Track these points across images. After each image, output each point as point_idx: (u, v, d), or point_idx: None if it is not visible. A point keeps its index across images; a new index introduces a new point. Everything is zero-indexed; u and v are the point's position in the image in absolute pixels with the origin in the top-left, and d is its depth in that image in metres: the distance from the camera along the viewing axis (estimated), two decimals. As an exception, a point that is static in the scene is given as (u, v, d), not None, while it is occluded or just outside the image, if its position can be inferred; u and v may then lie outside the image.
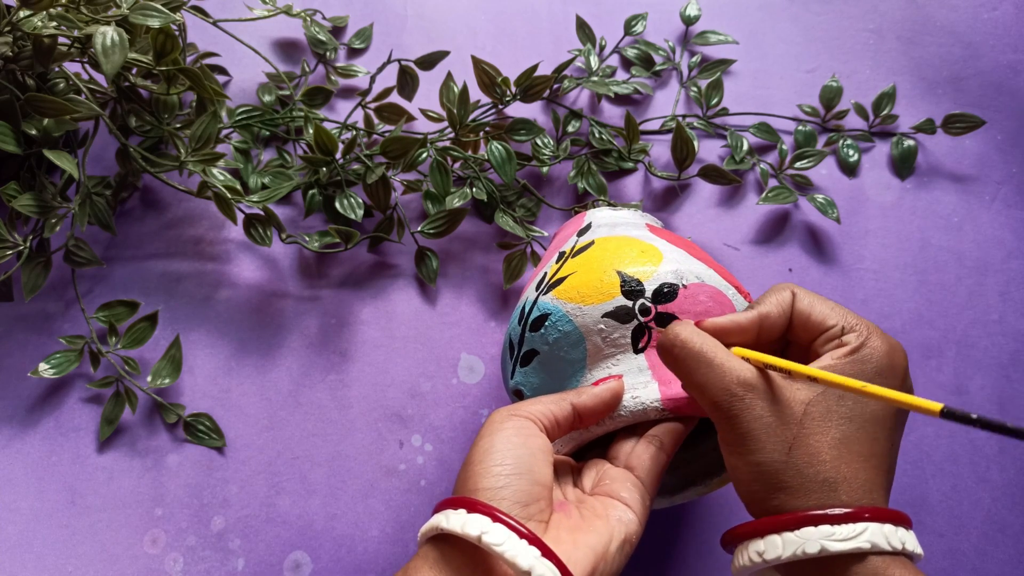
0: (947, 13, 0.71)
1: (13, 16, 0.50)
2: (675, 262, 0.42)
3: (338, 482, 0.54)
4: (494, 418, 0.38)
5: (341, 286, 0.60)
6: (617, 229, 0.47)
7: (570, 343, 0.42)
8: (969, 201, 0.63)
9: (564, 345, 0.42)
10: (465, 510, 0.34)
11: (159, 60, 0.52)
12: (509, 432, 0.37)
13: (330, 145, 0.56)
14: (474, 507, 0.33)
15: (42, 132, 0.53)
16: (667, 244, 0.45)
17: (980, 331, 0.59)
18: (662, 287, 0.41)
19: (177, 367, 0.56)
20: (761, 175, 0.64)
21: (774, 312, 0.37)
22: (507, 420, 0.37)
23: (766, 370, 0.34)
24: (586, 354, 0.42)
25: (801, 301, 0.37)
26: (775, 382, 0.34)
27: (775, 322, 0.37)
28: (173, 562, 0.51)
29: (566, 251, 0.47)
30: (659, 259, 0.42)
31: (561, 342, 0.42)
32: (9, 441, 0.54)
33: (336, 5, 0.71)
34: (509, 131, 0.60)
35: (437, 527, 0.34)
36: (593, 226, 0.49)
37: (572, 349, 0.42)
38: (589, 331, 0.41)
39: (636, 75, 0.68)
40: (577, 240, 0.47)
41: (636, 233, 0.46)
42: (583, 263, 0.43)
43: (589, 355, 0.41)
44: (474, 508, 0.33)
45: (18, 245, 0.53)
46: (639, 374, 0.40)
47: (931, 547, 0.52)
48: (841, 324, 0.35)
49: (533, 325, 0.43)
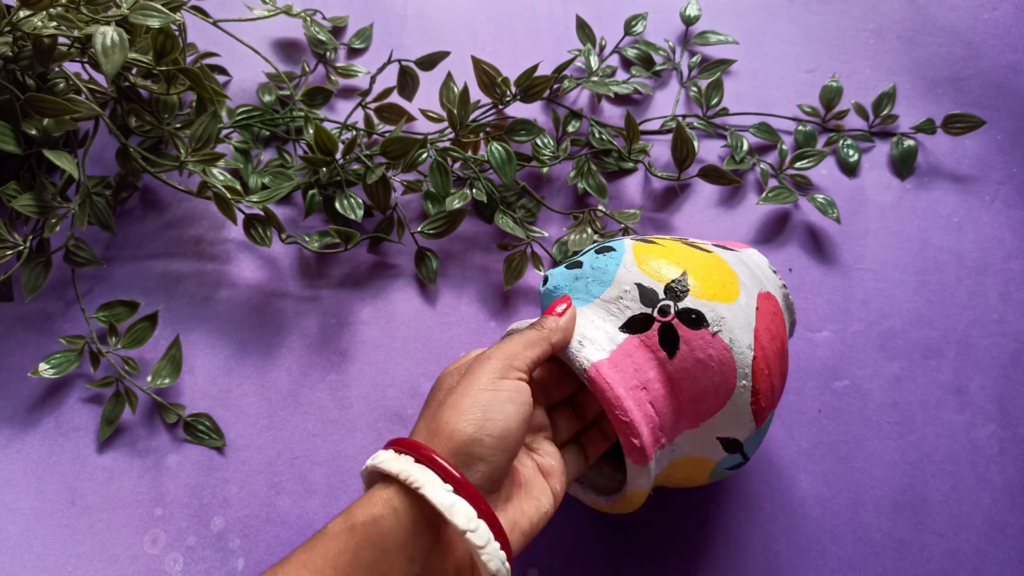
0: (947, 13, 0.71)
1: (13, 16, 0.50)
2: (741, 312, 0.42)
3: (338, 482, 0.54)
4: (492, 365, 0.37)
5: (341, 286, 0.60)
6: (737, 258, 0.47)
7: (601, 279, 0.43)
8: (969, 201, 0.63)
9: (598, 275, 0.44)
10: (440, 476, 0.34)
11: (159, 60, 0.52)
12: (504, 397, 0.36)
13: (330, 145, 0.56)
14: (448, 476, 0.34)
15: (42, 132, 0.53)
16: (752, 298, 0.44)
17: (980, 331, 0.59)
18: (701, 314, 0.41)
19: (177, 367, 0.56)
20: (761, 175, 0.64)
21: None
22: (505, 379, 0.37)
23: None
24: (599, 296, 0.43)
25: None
26: None
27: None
28: (173, 562, 0.51)
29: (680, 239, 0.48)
30: (733, 295, 0.42)
31: (599, 272, 0.44)
32: (9, 441, 0.54)
33: (336, 5, 0.71)
34: (509, 131, 0.60)
35: (407, 478, 0.34)
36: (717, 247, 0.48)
37: (596, 285, 0.43)
38: (619, 284, 0.42)
39: (636, 75, 0.68)
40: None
41: (742, 271, 0.45)
42: (671, 246, 0.45)
43: (600, 298, 0.43)
44: (448, 477, 0.34)
45: (18, 245, 0.53)
46: (604, 341, 0.41)
47: (931, 547, 0.52)
48: None
49: (598, 248, 0.46)
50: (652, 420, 0.40)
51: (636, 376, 0.40)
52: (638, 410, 0.39)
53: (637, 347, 0.41)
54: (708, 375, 0.40)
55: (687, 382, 0.41)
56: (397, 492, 0.34)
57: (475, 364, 0.38)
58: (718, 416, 0.41)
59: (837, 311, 0.59)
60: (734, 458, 0.43)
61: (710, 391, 0.41)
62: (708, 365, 0.40)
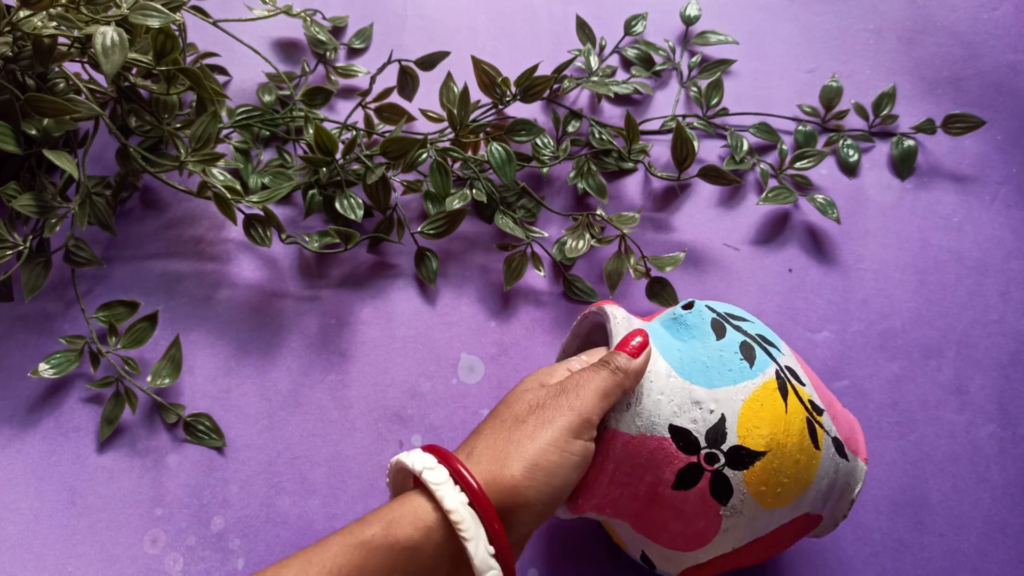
0: (947, 13, 0.71)
1: (13, 16, 0.50)
2: (766, 517, 0.40)
3: (338, 482, 0.54)
4: (569, 420, 0.36)
5: (341, 286, 0.60)
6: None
7: (720, 364, 0.42)
8: (969, 201, 0.63)
9: (720, 359, 0.42)
10: (487, 534, 0.33)
11: (159, 60, 0.52)
12: (571, 464, 0.36)
13: (330, 145, 0.56)
14: (496, 537, 0.33)
15: (42, 132, 0.53)
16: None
17: (980, 331, 0.59)
18: (730, 489, 0.39)
19: (177, 367, 0.56)
20: (761, 175, 0.64)
21: None
22: (578, 440, 0.36)
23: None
24: (700, 360, 0.42)
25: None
26: None
27: None
28: (173, 562, 0.51)
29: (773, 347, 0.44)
30: (784, 501, 0.40)
31: (725, 358, 0.42)
32: (9, 441, 0.54)
33: (336, 5, 0.71)
34: (509, 132, 0.60)
35: (459, 522, 0.33)
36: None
37: (715, 363, 0.42)
38: (711, 399, 0.40)
39: (636, 75, 0.68)
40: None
41: (819, 484, 0.42)
42: (785, 421, 0.40)
43: (699, 361, 0.42)
44: (496, 537, 0.33)
45: (18, 245, 0.53)
46: (652, 413, 0.39)
47: (931, 547, 0.52)
48: None
49: (748, 342, 0.43)
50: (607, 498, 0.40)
51: (635, 473, 0.39)
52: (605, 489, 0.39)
53: (659, 457, 0.39)
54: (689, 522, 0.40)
55: (669, 513, 0.40)
56: (440, 527, 0.34)
57: (553, 402, 0.37)
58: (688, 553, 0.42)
59: (837, 311, 0.59)
60: None
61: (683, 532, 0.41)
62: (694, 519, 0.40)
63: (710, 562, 0.42)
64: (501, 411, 0.38)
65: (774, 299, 0.60)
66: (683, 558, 0.42)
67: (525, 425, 0.36)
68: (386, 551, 0.32)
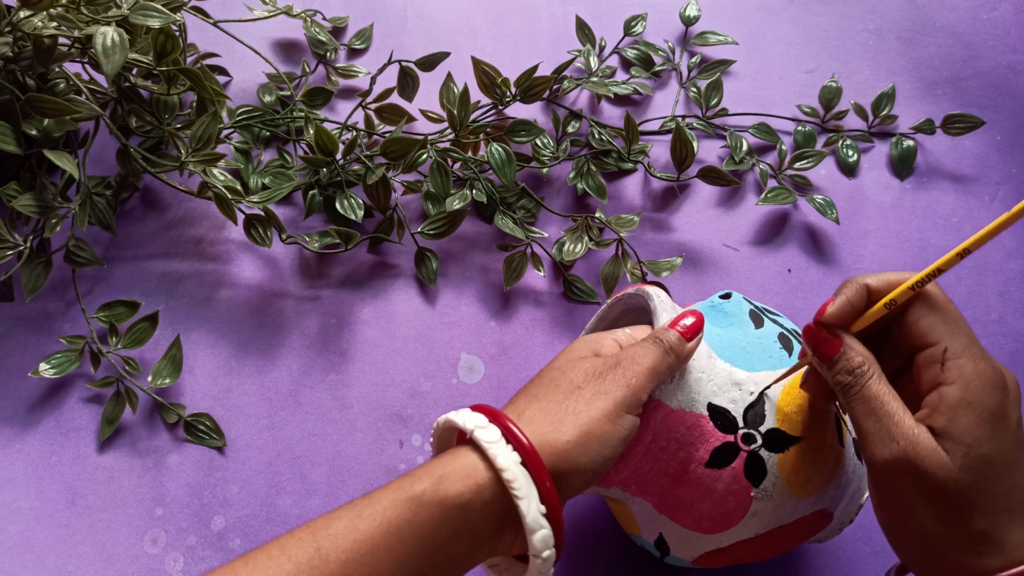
0: (947, 13, 0.71)
1: (13, 16, 0.50)
2: (779, 509, 0.40)
3: (338, 482, 0.54)
4: (623, 396, 0.36)
5: (341, 286, 0.60)
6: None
7: (759, 350, 0.42)
8: (968, 201, 0.63)
9: (758, 344, 0.42)
10: (539, 493, 0.33)
11: (159, 60, 0.52)
12: (621, 436, 0.36)
13: (330, 146, 0.56)
14: (548, 496, 0.33)
15: (42, 132, 0.53)
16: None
17: (980, 331, 0.59)
18: (764, 470, 0.39)
19: (177, 367, 0.56)
20: (760, 176, 0.64)
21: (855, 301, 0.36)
22: (629, 414, 0.36)
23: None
24: (739, 345, 0.42)
25: (913, 311, 0.37)
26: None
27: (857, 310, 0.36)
28: (173, 562, 0.51)
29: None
30: (805, 493, 0.40)
31: (763, 344, 0.42)
32: (9, 441, 0.54)
33: (336, 5, 0.71)
34: (509, 132, 0.60)
35: (511, 480, 0.33)
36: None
37: (753, 348, 0.42)
38: (749, 381, 0.40)
39: (636, 76, 0.68)
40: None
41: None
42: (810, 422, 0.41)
43: (737, 346, 0.42)
44: (548, 496, 0.33)
45: (18, 245, 0.53)
46: (692, 389, 0.40)
47: (930, 547, 0.52)
48: (944, 345, 0.35)
49: (786, 335, 0.43)
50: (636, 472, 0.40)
51: (669, 448, 0.39)
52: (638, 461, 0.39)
53: (699, 431, 0.39)
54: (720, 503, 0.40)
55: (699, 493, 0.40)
56: (491, 485, 0.33)
57: (611, 373, 0.37)
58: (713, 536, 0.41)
59: (836, 311, 0.59)
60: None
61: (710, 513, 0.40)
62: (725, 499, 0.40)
63: (730, 547, 0.41)
64: (555, 376, 0.38)
65: (774, 299, 0.60)
66: (704, 541, 0.42)
67: (582, 392, 0.36)
68: (435, 506, 0.32)
